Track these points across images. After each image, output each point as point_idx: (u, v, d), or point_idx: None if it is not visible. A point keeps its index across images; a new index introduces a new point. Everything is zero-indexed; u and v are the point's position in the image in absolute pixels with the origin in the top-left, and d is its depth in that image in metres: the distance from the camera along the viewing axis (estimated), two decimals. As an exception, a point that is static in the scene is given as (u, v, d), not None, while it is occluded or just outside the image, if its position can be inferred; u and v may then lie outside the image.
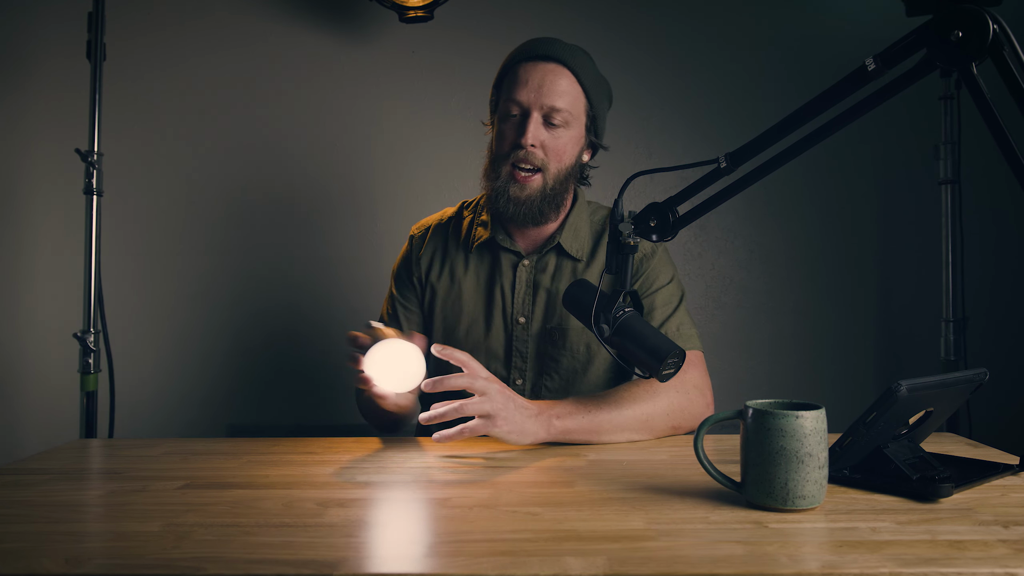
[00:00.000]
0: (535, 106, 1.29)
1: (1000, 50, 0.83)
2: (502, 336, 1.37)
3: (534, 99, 1.29)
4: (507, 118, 1.32)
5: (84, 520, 0.83)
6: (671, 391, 1.22)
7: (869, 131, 2.21)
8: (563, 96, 1.30)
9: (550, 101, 1.29)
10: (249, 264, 2.23)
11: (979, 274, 2.13)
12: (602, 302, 1.05)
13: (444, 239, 1.45)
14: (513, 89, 1.31)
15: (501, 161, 1.32)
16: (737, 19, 2.25)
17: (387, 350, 1.09)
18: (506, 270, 1.39)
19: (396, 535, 0.74)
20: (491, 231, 1.39)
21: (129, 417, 2.11)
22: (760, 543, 0.71)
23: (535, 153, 1.30)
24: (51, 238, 2.21)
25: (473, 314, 1.38)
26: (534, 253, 1.39)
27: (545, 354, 1.36)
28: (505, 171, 1.32)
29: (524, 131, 1.29)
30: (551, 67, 1.31)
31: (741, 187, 0.99)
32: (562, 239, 1.38)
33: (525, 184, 1.31)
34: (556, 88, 1.30)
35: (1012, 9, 1.37)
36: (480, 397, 1.05)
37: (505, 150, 1.32)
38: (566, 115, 1.30)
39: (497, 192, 1.32)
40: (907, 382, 0.84)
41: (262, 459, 1.07)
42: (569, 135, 1.32)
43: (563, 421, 1.12)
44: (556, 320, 1.36)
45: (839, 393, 2.22)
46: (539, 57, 1.31)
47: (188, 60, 2.22)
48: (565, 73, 1.31)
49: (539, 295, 1.37)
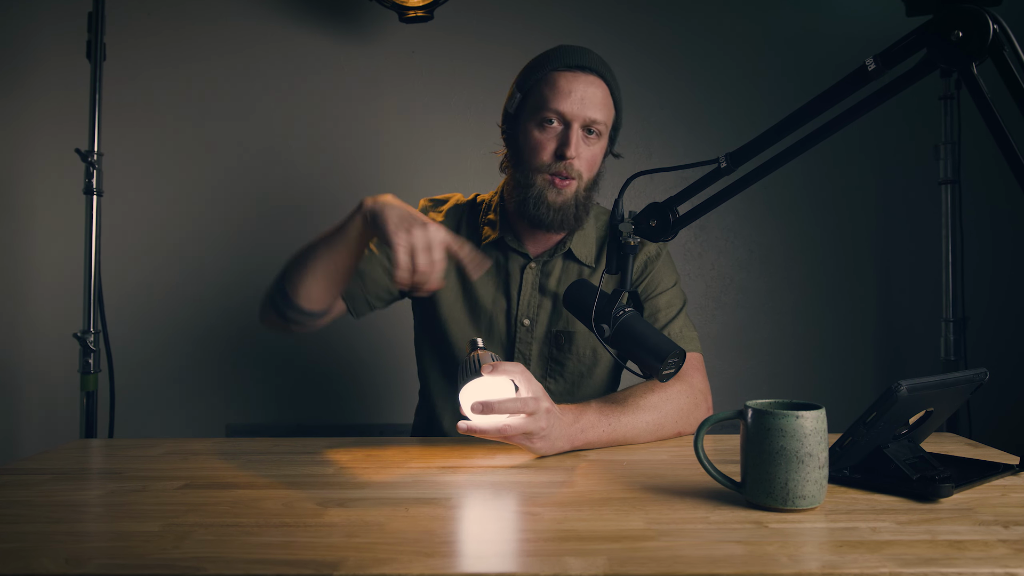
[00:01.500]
0: (577, 119, 1.29)
1: (1000, 50, 0.83)
2: (504, 338, 1.37)
3: (577, 111, 1.28)
4: (544, 127, 1.30)
5: (84, 520, 0.82)
6: (682, 396, 1.22)
7: (869, 131, 2.21)
8: (601, 109, 1.30)
9: (592, 114, 1.29)
10: (249, 264, 2.23)
11: (979, 274, 2.13)
12: (602, 302, 1.05)
13: (456, 230, 1.42)
14: (553, 99, 1.29)
15: (537, 171, 1.31)
16: (737, 19, 2.25)
17: (487, 387, 1.01)
18: (513, 272, 1.38)
19: (396, 535, 0.74)
20: (499, 231, 1.38)
21: (129, 417, 2.11)
22: (760, 543, 0.71)
23: (573, 164, 1.30)
24: (51, 238, 2.20)
25: (476, 313, 1.38)
26: (542, 256, 1.38)
27: (550, 357, 1.36)
28: (541, 179, 1.31)
29: (567, 143, 1.28)
30: (591, 79, 1.30)
31: (741, 187, 0.99)
32: (573, 245, 1.38)
33: (563, 189, 1.30)
34: (596, 101, 1.30)
35: (1012, 9, 1.37)
36: (528, 417, 1.00)
37: (545, 160, 1.30)
38: (601, 127, 1.31)
39: (535, 200, 1.31)
40: (907, 382, 0.84)
41: (262, 459, 1.07)
42: (600, 145, 1.34)
43: (586, 434, 1.09)
44: (562, 324, 1.36)
45: (839, 393, 2.22)
46: (578, 67, 1.30)
47: (188, 60, 2.22)
48: (602, 85, 1.31)
49: (545, 298, 1.37)
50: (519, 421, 1.00)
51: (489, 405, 0.98)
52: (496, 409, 0.99)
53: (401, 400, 2.13)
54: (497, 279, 1.39)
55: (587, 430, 1.09)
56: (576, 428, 1.08)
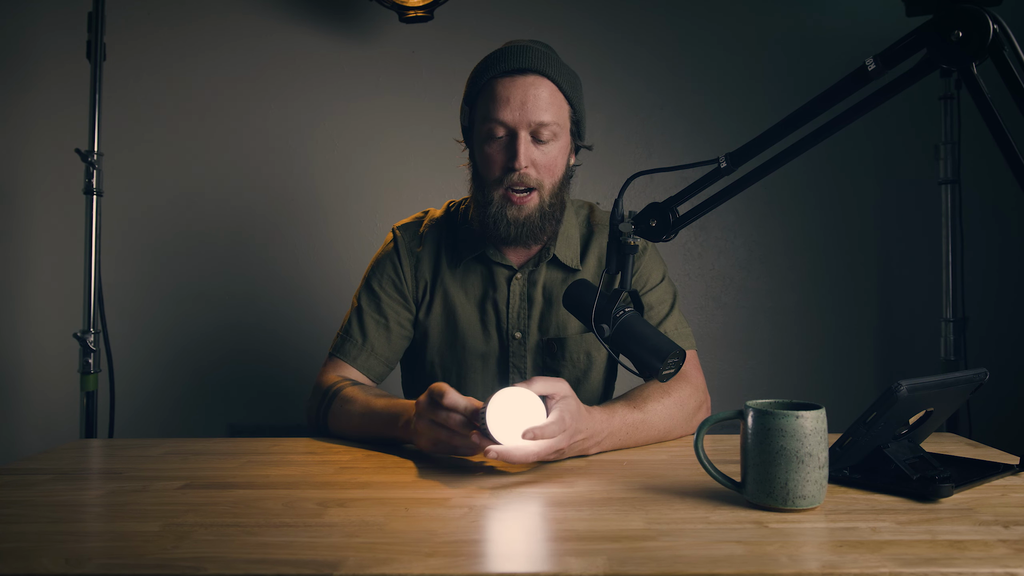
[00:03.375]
0: (522, 125, 1.21)
1: (1000, 50, 0.83)
2: (497, 352, 1.34)
3: (519, 118, 1.21)
4: (491, 140, 1.24)
5: (84, 520, 0.82)
6: (691, 400, 1.22)
7: (869, 131, 2.21)
8: (548, 109, 1.22)
9: (537, 117, 1.21)
10: (249, 264, 2.23)
11: (979, 274, 2.13)
12: (602, 302, 1.05)
13: (437, 250, 1.37)
14: (494, 108, 1.22)
15: (493, 186, 1.25)
16: (737, 19, 2.25)
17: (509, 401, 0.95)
18: (500, 284, 1.34)
19: (396, 535, 0.74)
20: (480, 246, 1.34)
21: (129, 417, 2.11)
22: (760, 543, 0.71)
23: (528, 174, 1.23)
24: (51, 238, 2.21)
25: (467, 330, 1.33)
26: (526, 266, 1.34)
27: (544, 366, 1.33)
28: (498, 195, 1.25)
29: (515, 154, 1.21)
30: (530, 80, 1.22)
31: (741, 187, 0.99)
32: (557, 250, 1.33)
33: (522, 205, 1.25)
34: (540, 102, 1.21)
35: (1012, 9, 1.37)
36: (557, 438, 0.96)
37: (496, 174, 1.24)
38: (554, 128, 1.23)
39: (494, 218, 1.25)
40: (907, 382, 0.84)
41: (262, 459, 1.07)
42: (558, 147, 1.26)
43: (601, 446, 1.08)
44: (553, 331, 1.33)
45: (839, 393, 2.22)
46: (516, 71, 1.22)
47: (188, 60, 2.22)
48: (545, 83, 1.23)
49: (534, 309, 1.33)
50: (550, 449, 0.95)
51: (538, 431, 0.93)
52: (544, 434, 0.94)
53: (401, 400, 2.13)
54: (484, 293, 1.34)
55: (603, 442, 1.08)
56: (594, 441, 1.06)
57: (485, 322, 1.34)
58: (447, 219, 1.40)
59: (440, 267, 1.36)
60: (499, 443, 0.94)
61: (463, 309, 1.34)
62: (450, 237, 1.38)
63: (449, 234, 1.38)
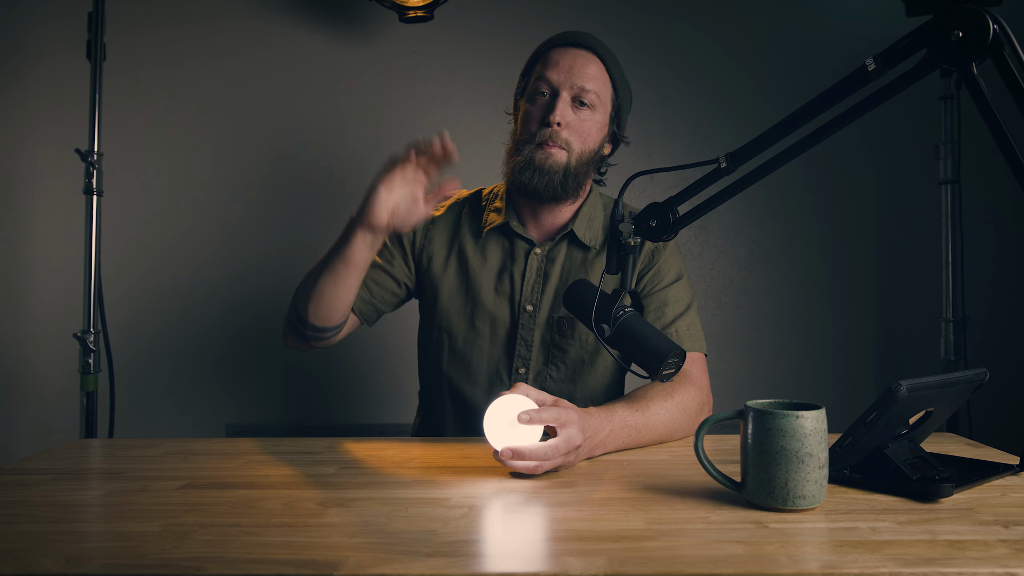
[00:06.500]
0: (565, 86, 1.30)
1: (1000, 50, 0.83)
2: (508, 323, 1.36)
3: (564, 79, 1.30)
4: (535, 98, 1.33)
5: (84, 520, 0.82)
6: (693, 403, 1.22)
7: (869, 131, 2.21)
8: (592, 79, 1.31)
9: (580, 82, 1.30)
10: (249, 264, 2.23)
11: (979, 274, 2.13)
12: (602, 302, 1.05)
13: (457, 219, 1.43)
14: (542, 69, 1.33)
15: (527, 141, 1.32)
16: (737, 19, 2.25)
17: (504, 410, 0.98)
18: (518, 257, 1.38)
19: (396, 535, 0.74)
20: (505, 216, 1.38)
21: (129, 417, 2.11)
22: (760, 543, 0.71)
23: (560, 133, 1.30)
24: (51, 238, 2.21)
25: (479, 299, 1.37)
26: (546, 242, 1.38)
27: (552, 343, 1.35)
28: (529, 148, 1.32)
29: (552, 109, 1.30)
30: (582, 52, 1.33)
31: (741, 187, 0.99)
32: (575, 227, 1.37)
33: (550, 152, 1.30)
34: (586, 71, 1.31)
35: (1012, 9, 1.37)
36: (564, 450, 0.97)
37: (532, 129, 1.32)
38: (593, 96, 1.31)
39: (521, 165, 1.31)
40: (907, 382, 0.84)
41: (262, 459, 1.07)
42: (595, 118, 1.33)
43: (605, 446, 1.08)
44: (565, 310, 1.33)
45: (839, 393, 2.22)
46: (571, 44, 1.34)
47: (188, 60, 2.22)
48: (595, 60, 1.33)
49: (549, 284, 1.36)
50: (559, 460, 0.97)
51: (520, 452, 0.95)
52: (539, 420, 0.96)
53: (401, 400, 2.13)
54: (503, 265, 1.38)
55: (607, 444, 1.08)
56: (597, 442, 1.06)
57: (499, 290, 1.37)
58: (475, 196, 1.47)
59: (460, 233, 1.41)
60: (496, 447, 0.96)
61: (479, 274, 1.38)
62: (475, 209, 1.44)
63: (474, 207, 1.44)
